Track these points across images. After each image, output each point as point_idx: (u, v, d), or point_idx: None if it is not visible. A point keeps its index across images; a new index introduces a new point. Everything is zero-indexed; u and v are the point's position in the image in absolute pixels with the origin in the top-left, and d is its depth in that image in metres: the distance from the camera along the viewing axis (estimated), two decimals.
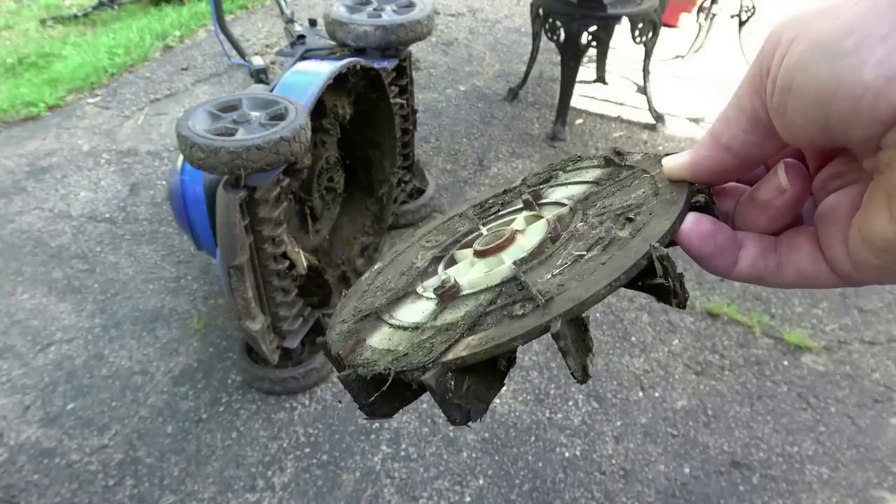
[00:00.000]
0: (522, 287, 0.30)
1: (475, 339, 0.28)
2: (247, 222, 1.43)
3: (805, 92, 0.23)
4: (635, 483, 1.53)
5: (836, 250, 0.28)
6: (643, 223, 0.30)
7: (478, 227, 0.41)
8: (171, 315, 1.99)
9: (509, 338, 0.27)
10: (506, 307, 0.30)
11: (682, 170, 0.31)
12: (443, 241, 0.42)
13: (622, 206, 0.33)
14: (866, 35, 0.21)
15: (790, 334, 1.89)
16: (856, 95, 0.22)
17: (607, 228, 0.31)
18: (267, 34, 3.76)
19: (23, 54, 3.62)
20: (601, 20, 2.54)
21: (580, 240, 0.32)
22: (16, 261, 2.21)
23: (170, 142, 2.80)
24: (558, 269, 0.30)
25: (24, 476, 1.56)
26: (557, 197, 0.39)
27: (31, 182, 2.59)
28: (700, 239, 0.30)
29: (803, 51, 0.23)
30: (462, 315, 0.31)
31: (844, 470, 1.56)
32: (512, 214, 0.40)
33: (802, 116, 0.24)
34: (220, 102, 1.46)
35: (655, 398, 1.73)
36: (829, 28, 0.23)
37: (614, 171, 0.38)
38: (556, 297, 0.28)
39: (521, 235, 0.35)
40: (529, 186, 0.43)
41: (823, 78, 0.22)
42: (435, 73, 3.32)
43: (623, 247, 0.29)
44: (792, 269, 0.30)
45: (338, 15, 1.88)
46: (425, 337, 0.31)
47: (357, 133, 1.95)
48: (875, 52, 0.21)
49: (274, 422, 1.68)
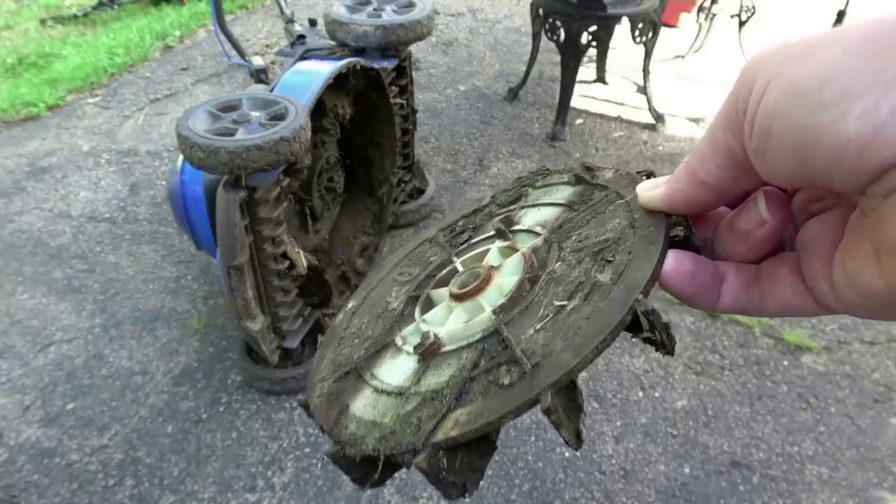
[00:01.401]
0: (506, 346, 0.29)
1: (464, 414, 0.27)
2: (247, 222, 1.43)
3: (785, 139, 0.23)
4: (635, 483, 1.53)
5: (820, 285, 0.27)
6: (623, 265, 0.29)
7: (451, 257, 0.39)
8: (171, 315, 1.99)
9: (499, 415, 0.26)
10: (491, 371, 0.29)
11: (657, 202, 0.30)
12: (416, 275, 0.40)
13: (599, 242, 0.32)
14: (845, 86, 0.21)
15: (790, 334, 1.89)
16: (838, 148, 0.21)
17: (586, 270, 0.31)
18: (267, 34, 3.76)
19: (23, 54, 3.62)
20: (601, 20, 2.54)
21: (560, 284, 0.31)
22: (16, 261, 2.21)
23: (170, 142, 2.80)
24: (541, 322, 0.29)
25: (24, 476, 1.56)
26: (530, 223, 0.37)
27: (30, 182, 2.60)
28: (681, 281, 0.29)
29: (780, 96, 0.22)
30: (446, 380, 0.30)
31: (844, 470, 1.56)
32: (484, 243, 0.39)
33: (783, 161, 0.23)
34: (220, 102, 1.46)
35: (655, 398, 1.73)
36: (805, 74, 0.22)
37: (586, 192, 0.37)
38: (542, 361, 0.27)
39: (497, 273, 0.34)
40: (499, 205, 0.41)
41: (803, 128, 0.22)
42: (435, 73, 3.33)
43: (605, 296, 0.28)
44: (775, 301, 0.30)
45: (338, 15, 1.88)
46: (411, 408, 0.30)
47: (357, 133, 1.95)
48: (856, 106, 0.20)
49: (274, 422, 1.67)
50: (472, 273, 0.36)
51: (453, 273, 0.38)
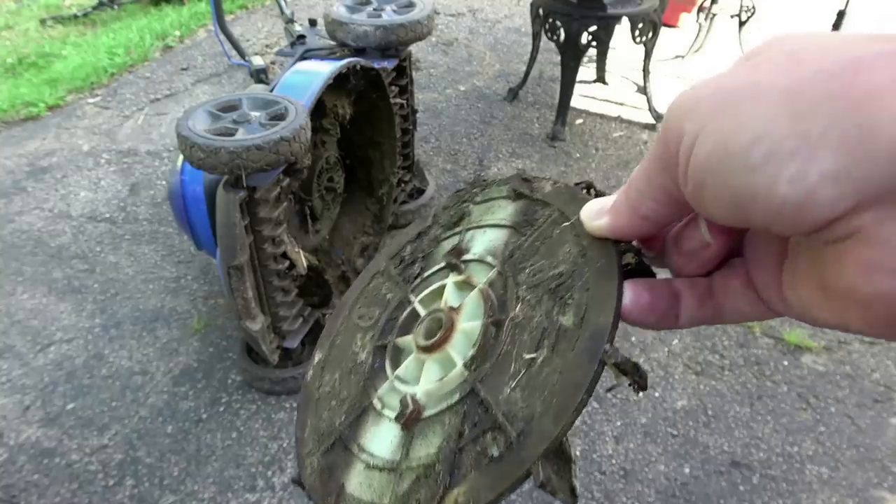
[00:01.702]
0: (486, 409, 0.29)
1: (461, 494, 0.28)
2: (247, 222, 1.43)
3: (720, 196, 0.22)
4: (635, 483, 1.53)
5: (772, 298, 0.27)
6: (584, 306, 0.29)
7: (408, 297, 0.39)
8: (171, 315, 1.99)
9: (496, 494, 0.27)
10: (478, 440, 0.29)
11: (603, 232, 0.30)
12: (377, 319, 0.40)
13: (554, 276, 0.32)
14: (773, 149, 0.20)
15: (790, 334, 1.89)
16: (773, 209, 0.21)
17: (547, 312, 0.30)
18: (267, 34, 3.76)
19: (23, 54, 3.62)
20: (601, 20, 2.54)
21: (524, 330, 0.31)
22: (16, 261, 2.21)
23: (170, 142, 2.80)
24: (515, 379, 0.29)
25: (23, 476, 1.56)
26: (479, 250, 0.37)
27: (30, 182, 2.60)
28: (642, 314, 0.29)
29: (709, 154, 0.22)
30: (436, 452, 0.30)
31: (844, 470, 1.56)
32: (438, 276, 0.38)
33: (719, 210, 0.23)
34: (220, 102, 1.46)
35: (655, 398, 1.73)
36: (731, 131, 0.21)
37: (529, 210, 0.36)
38: (526, 428, 0.27)
39: (458, 316, 0.34)
40: (443, 227, 0.41)
41: (736, 188, 0.21)
42: (435, 73, 3.33)
43: (573, 345, 0.28)
44: (731, 312, 0.30)
45: (338, 15, 1.88)
46: (407, 487, 0.30)
47: (357, 133, 1.95)
48: (786, 169, 0.20)
49: (274, 422, 1.67)
50: (434, 318, 0.35)
51: (414, 316, 0.38)
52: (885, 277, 0.20)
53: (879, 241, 0.20)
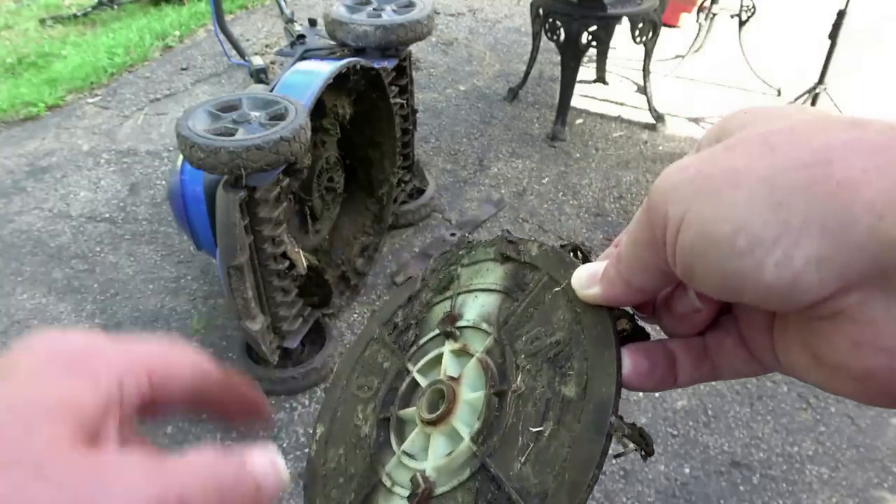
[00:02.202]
0: (499, 486, 0.30)
1: None
2: (247, 222, 1.42)
3: (709, 280, 0.23)
4: (635, 483, 1.53)
5: (766, 358, 0.28)
6: (584, 376, 0.30)
7: (406, 366, 0.39)
8: (171, 315, 1.99)
9: None
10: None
11: (596, 301, 0.30)
12: (377, 389, 0.40)
13: (552, 345, 0.32)
14: (756, 236, 0.21)
15: None
16: (762, 294, 0.22)
17: (549, 382, 0.31)
18: (267, 34, 3.76)
19: (22, 54, 3.62)
20: (601, 20, 2.54)
21: (528, 402, 0.31)
22: (15, 261, 2.20)
23: (169, 142, 2.80)
24: (524, 454, 0.30)
25: None
26: (473, 317, 0.37)
27: (30, 182, 2.59)
28: (641, 380, 0.30)
29: (694, 240, 0.22)
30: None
31: (844, 470, 1.56)
32: (433, 344, 0.39)
33: (711, 290, 0.24)
34: (219, 102, 1.46)
35: (655, 398, 1.73)
36: (713, 219, 0.22)
37: (518, 274, 0.37)
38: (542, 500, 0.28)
39: (460, 387, 0.35)
40: (432, 290, 0.41)
41: (724, 274, 0.22)
42: (435, 73, 3.32)
43: (578, 417, 0.29)
44: (727, 370, 0.30)
45: (338, 15, 1.88)
46: None
47: (357, 133, 1.95)
48: (771, 256, 0.21)
49: (274, 421, 1.67)
50: (435, 390, 0.36)
51: (414, 385, 0.38)
52: (873, 354, 0.21)
53: (865, 321, 0.21)
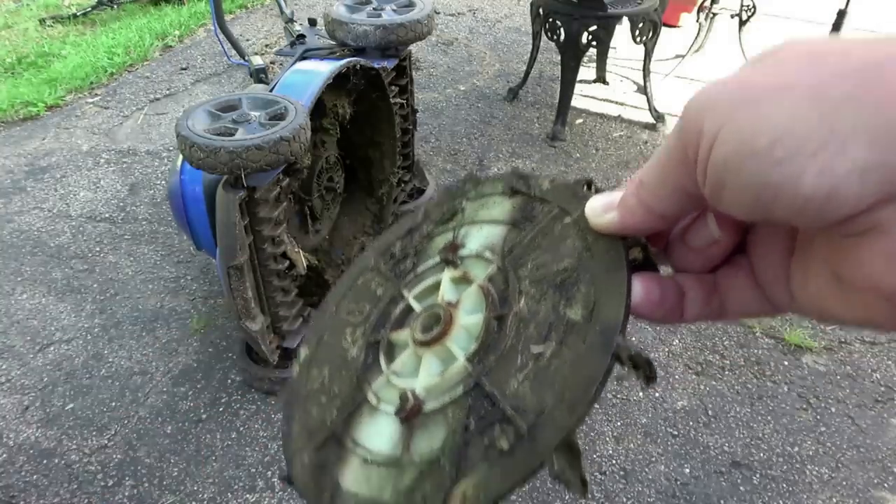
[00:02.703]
0: (493, 402, 0.28)
1: (469, 488, 0.27)
2: (246, 222, 1.42)
3: (740, 194, 0.22)
4: (635, 483, 1.53)
5: (778, 295, 0.28)
6: (592, 300, 0.29)
7: (401, 292, 0.37)
8: (171, 315, 1.98)
9: (508, 487, 0.26)
10: (485, 433, 0.28)
11: (611, 228, 0.30)
12: (368, 314, 0.38)
13: (559, 271, 0.31)
14: (797, 146, 0.20)
15: (790, 334, 1.89)
16: (797, 205, 0.21)
17: (554, 306, 0.30)
18: (266, 34, 3.76)
19: (22, 54, 3.61)
20: (601, 20, 2.54)
21: (530, 324, 0.30)
22: (15, 261, 2.20)
23: (169, 141, 2.80)
24: (522, 372, 0.28)
25: (23, 476, 1.55)
26: (476, 247, 0.36)
27: (30, 182, 2.59)
28: (651, 308, 0.29)
29: (731, 152, 0.22)
30: (440, 446, 0.29)
31: (845, 470, 1.56)
32: (432, 272, 0.37)
33: (739, 207, 0.23)
34: (219, 102, 1.46)
35: (655, 398, 1.73)
36: (753, 128, 0.21)
37: (527, 206, 0.35)
38: (538, 421, 0.27)
39: (457, 311, 0.33)
40: (434, 223, 0.39)
41: (758, 184, 0.21)
42: (435, 73, 3.32)
43: (583, 338, 0.28)
44: (735, 308, 0.30)
45: (337, 14, 1.88)
46: (409, 482, 0.29)
47: (357, 133, 1.94)
48: (811, 165, 0.20)
49: (274, 422, 1.67)
50: (431, 313, 0.34)
51: (409, 311, 0.36)
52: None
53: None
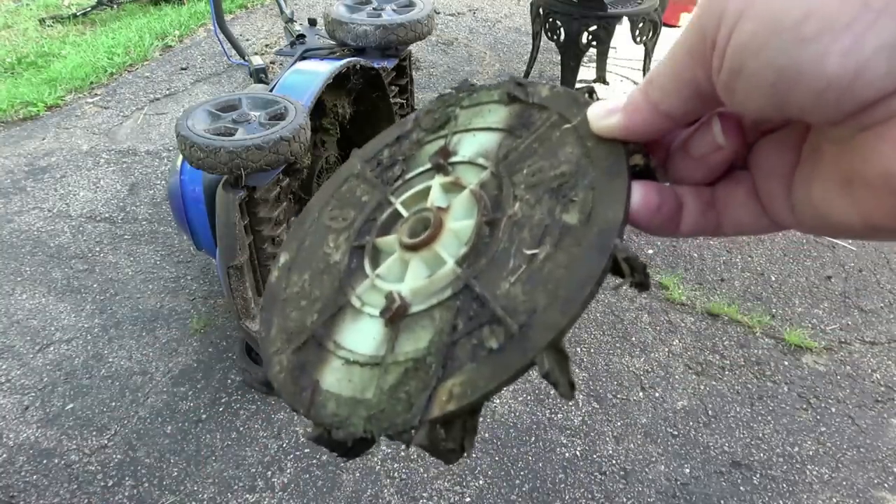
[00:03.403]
0: (483, 303, 0.28)
1: (456, 385, 0.26)
2: (246, 222, 1.42)
3: (759, 77, 0.21)
4: (635, 483, 1.53)
5: (778, 208, 0.27)
6: (589, 204, 0.28)
7: (387, 198, 0.36)
8: (171, 315, 1.98)
9: (496, 384, 0.25)
10: (473, 334, 0.27)
11: (614, 131, 0.29)
12: (352, 220, 0.36)
13: (556, 176, 0.30)
14: (827, 20, 0.19)
15: (790, 334, 1.89)
16: (818, 88, 0.20)
17: (549, 210, 0.29)
18: (266, 34, 3.76)
19: (22, 54, 3.61)
20: (601, 20, 2.54)
21: (523, 228, 0.29)
22: (15, 261, 2.20)
23: (169, 141, 2.80)
24: (514, 274, 0.28)
25: (22, 476, 1.55)
26: (469, 153, 0.34)
27: (30, 182, 2.59)
28: (649, 215, 0.28)
29: (755, 31, 0.21)
30: (426, 346, 0.28)
31: (845, 470, 1.56)
32: (422, 178, 0.35)
33: (755, 98, 0.22)
34: (219, 102, 1.46)
35: (656, 398, 1.73)
36: (782, 6, 0.20)
37: (524, 113, 0.34)
38: (529, 320, 0.26)
39: (447, 216, 0.32)
40: (425, 130, 0.37)
41: (780, 65, 0.20)
42: (435, 73, 3.32)
43: (579, 241, 0.27)
44: (732, 223, 0.29)
45: (337, 14, 1.88)
46: (394, 381, 0.28)
47: (357, 133, 1.94)
48: (839, 42, 0.19)
49: (274, 422, 1.67)
50: (419, 218, 0.33)
51: (396, 217, 0.35)
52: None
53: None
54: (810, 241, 2.23)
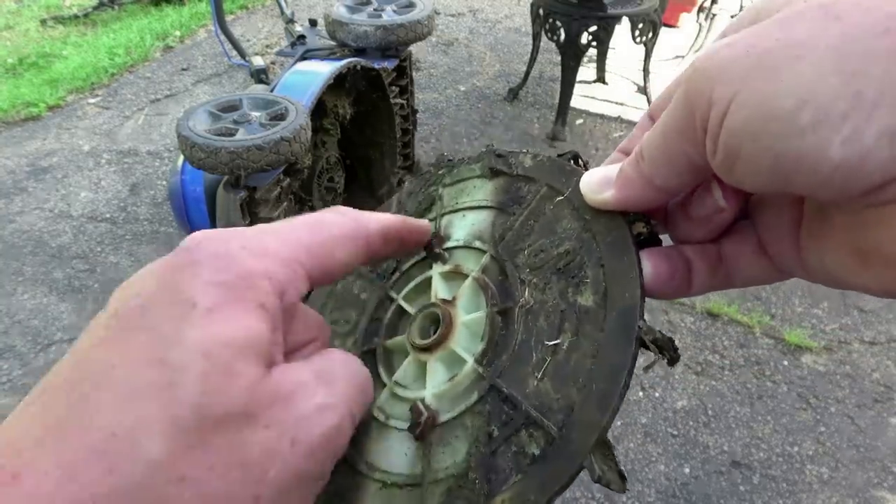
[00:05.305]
0: (514, 405, 0.26)
1: (506, 500, 0.25)
2: (247, 222, 1.43)
3: (758, 162, 0.21)
4: (635, 483, 1.53)
5: (790, 266, 0.26)
6: (602, 284, 0.27)
7: (388, 294, 0.34)
8: None
9: (549, 495, 0.24)
10: (511, 440, 0.26)
11: (610, 205, 0.28)
12: (356, 322, 0.35)
13: (560, 256, 0.29)
14: (823, 111, 0.19)
15: (790, 334, 1.89)
16: (823, 175, 0.20)
17: (561, 293, 0.28)
18: (267, 34, 3.76)
19: (23, 54, 3.62)
20: (601, 20, 2.54)
21: (538, 316, 0.28)
22: (16, 261, 2.21)
23: (170, 142, 2.80)
24: (540, 369, 0.26)
25: None
26: (462, 236, 0.33)
27: (31, 182, 2.60)
28: (662, 285, 0.28)
29: (749, 118, 0.20)
30: (464, 459, 0.27)
31: (844, 470, 1.56)
32: (419, 269, 0.34)
33: (754, 178, 0.22)
34: (220, 102, 1.47)
35: (655, 398, 1.73)
36: (774, 93, 0.20)
37: (511, 187, 0.32)
38: (567, 421, 0.25)
39: (455, 309, 0.30)
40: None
41: (779, 153, 0.20)
42: (435, 74, 3.33)
43: (600, 327, 0.26)
44: (743, 276, 0.29)
45: (338, 15, 1.89)
46: (438, 501, 0.27)
47: (357, 133, 1.95)
48: (839, 132, 0.19)
49: None
50: (427, 314, 0.31)
51: (400, 313, 0.34)
52: None
53: None
54: None
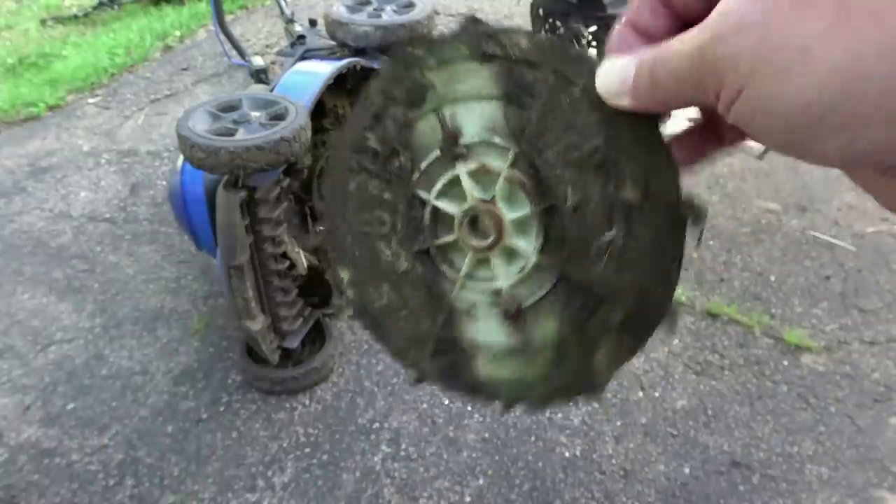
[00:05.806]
0: (586, 292, 0.30)
1: (606, 355, 0.31)
2: (247, 222, 1.43)
3: (768, 139, 0.23)
4: (635, 483, 1.53)
5: None
6: (643, 179, 0.28)
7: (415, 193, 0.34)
8: (172, 315, 1.99)
9: (639, 345, 0.30)
10: (595, 315, 0.31)
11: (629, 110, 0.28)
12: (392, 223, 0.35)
13: (591, 153, 0.29)
14: (821, 121, 0.21)
15: (790, 334, 1.89)
16: (827, 164, 0.23)
17: (602, 189, 0.29)
18: (267, 34, 3.76)
19: (23, 54, 3.62)
20: (601, 20, 2.54)
21: (584, 212, 0.30)
22: (16, 261, 2.21)
23: (170, 142, 2.80)
24: (602, 259, 0.30)
25: (24, 476, 1.56)
26: (475, 131, 0.32)
27: (31, 182, 2.60)
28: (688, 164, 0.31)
29: (753, 115, 0.22)
30: (556, 332, 0.32)
31: (844, 470, 1.56)
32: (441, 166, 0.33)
33: (766, 142, 0.24)
34: (220, 102, 1.47)
35: (655, 398, 1.73)
36: (778, 96, 0.21)
37: (512, 73, 0.32)
38: (639, 301, 0.29)
39: (498, 209, 0.32)
40: (402, 104, 0.34)
41: (784, 142, 0.23)
42: None
43: (647, 216, 0.29)
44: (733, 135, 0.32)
45: (338, 15, 1.89)
46: (547, 360, 0.32)
47: None
48: (832, 141, 0.21)
49: (274, 422, 1.68)
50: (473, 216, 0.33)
51: (436, 213, 0.34)
52: None
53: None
54: (810, 241, 2.23)
